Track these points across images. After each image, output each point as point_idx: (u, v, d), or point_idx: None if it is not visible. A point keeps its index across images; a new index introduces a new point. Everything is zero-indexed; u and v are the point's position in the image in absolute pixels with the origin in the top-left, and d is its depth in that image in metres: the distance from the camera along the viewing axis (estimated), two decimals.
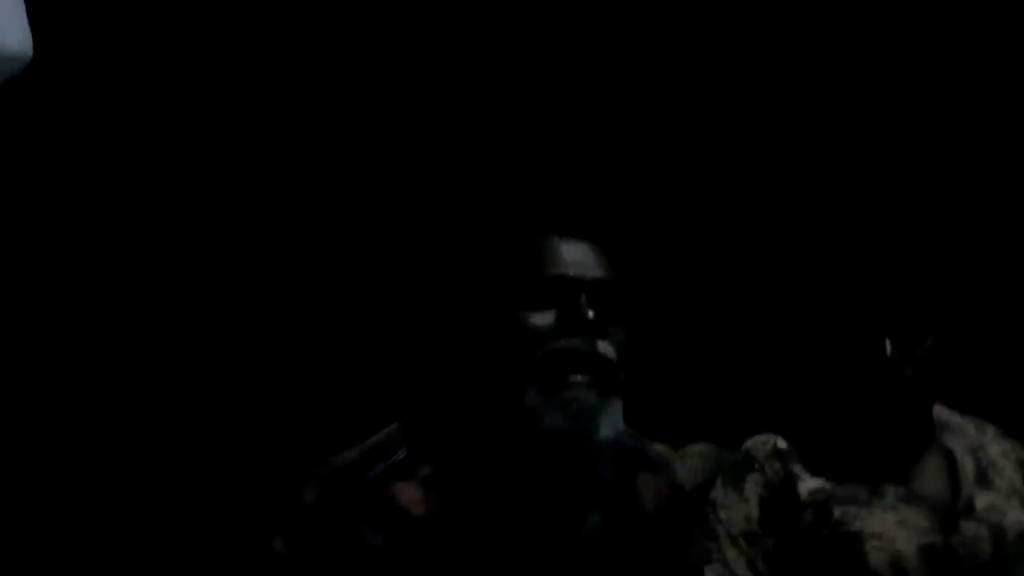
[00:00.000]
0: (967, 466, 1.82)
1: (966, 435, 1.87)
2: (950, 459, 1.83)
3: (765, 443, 1.84)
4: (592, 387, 1.30)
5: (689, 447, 2.26)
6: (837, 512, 1.75)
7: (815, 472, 1.79)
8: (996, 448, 1.87)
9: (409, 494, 1.30)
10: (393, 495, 1.29)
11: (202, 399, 2.38)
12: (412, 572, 1.26)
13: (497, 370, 1.33)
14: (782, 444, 1.83)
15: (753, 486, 1.81)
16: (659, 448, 2.26)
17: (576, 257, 1.35)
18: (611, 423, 1.33)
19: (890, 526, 1.73)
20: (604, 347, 1.33)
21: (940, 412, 1.88)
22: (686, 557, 1.47)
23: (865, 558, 1.71)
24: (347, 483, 1.30)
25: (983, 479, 1.82)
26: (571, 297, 1.33)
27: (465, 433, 1.35)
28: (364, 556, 1.25)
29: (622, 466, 1.44)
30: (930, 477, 1.81)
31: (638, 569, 1.39)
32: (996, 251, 2.37)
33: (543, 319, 1.33)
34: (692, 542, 1.50)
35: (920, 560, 1.71)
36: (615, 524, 1.39)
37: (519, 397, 1.30)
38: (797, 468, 1.80)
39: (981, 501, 1.79)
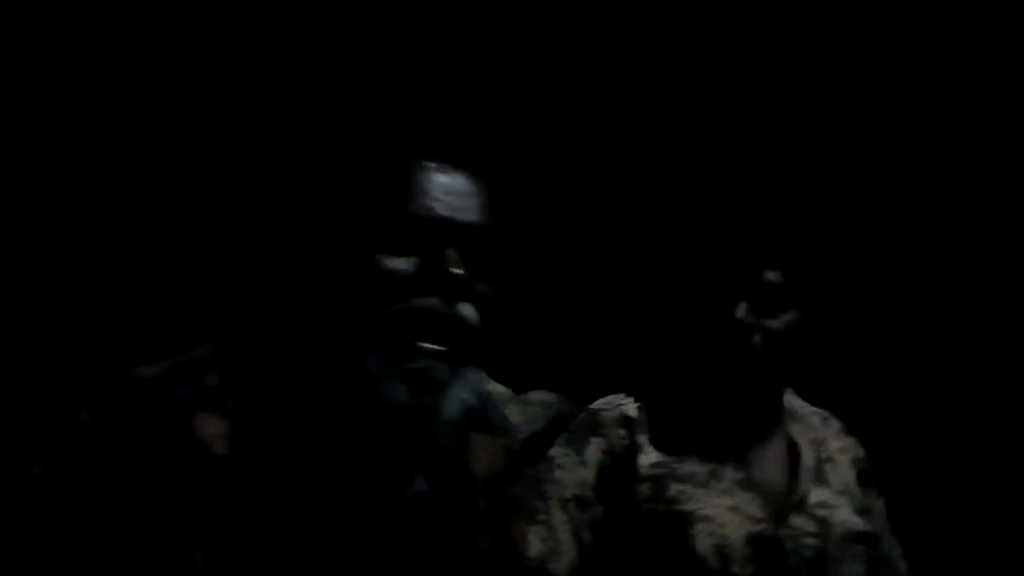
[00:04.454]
0: (808, 459, 1.79)
1: (811, 426, 1.85)
2: (792, 449, 1.80)
3: (614, 408, 1.78)
4: (445, 357, 1.12)
5: (532, 393, 2.20)
6: (673, 489, 1.70)
7: (658, 445, 1.74)
8: (836, 444, 1.85)
9: (213, 427, 1.11)
10: (195, 425, 1.10)
11: None
12: (198, 514, 1.07)
13: (342, 317, 1.13)
14: (631, 412, 1.78)
15: (594, 451, 1.75)
16: (500, 390, 2.19)
17: (451, 194, 1.14)
18: (460, 400, 1.16)
19: (722, 511, 1.69)
20: (467, 310, 1.14)
21: (789, 399, 1.85)
22: (508, 527, 1.34)
23: (692, 541, 1.66)
24: (141, 403, 1.10)
25: (820, 474, 1.79)
26: (438, 243, 1.13)
27: (294, 372, 1.15)
28: (143, 491, 1.05)
29: (460, 426, 1.28)
30: (770, 464, 1.78)
31: (456, 536, 1.26)
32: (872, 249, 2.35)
33: (403, 265, 1.12)
34: (518, 512, 1.36)
35: (746, 548, 1.67)
36: (440, 489, 1.24)
37: (361, 357, 1.10)
38: (642, 439, 1.74)
39: (815, 496, 1.76)
